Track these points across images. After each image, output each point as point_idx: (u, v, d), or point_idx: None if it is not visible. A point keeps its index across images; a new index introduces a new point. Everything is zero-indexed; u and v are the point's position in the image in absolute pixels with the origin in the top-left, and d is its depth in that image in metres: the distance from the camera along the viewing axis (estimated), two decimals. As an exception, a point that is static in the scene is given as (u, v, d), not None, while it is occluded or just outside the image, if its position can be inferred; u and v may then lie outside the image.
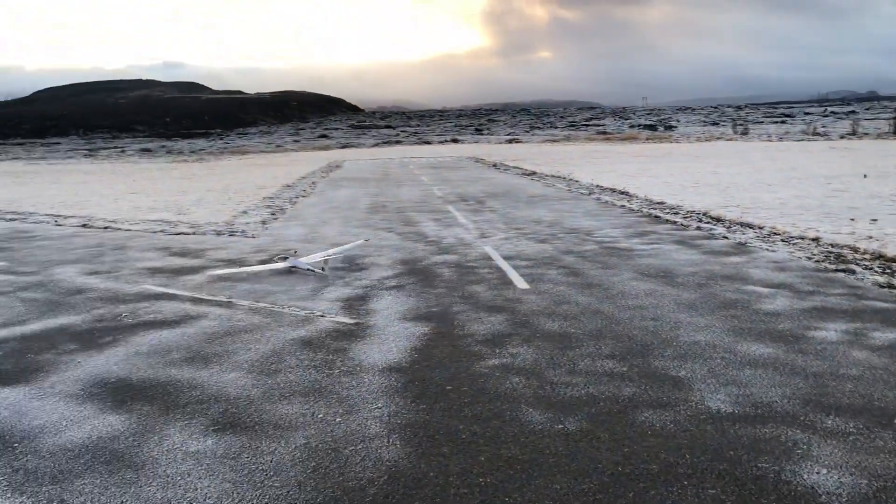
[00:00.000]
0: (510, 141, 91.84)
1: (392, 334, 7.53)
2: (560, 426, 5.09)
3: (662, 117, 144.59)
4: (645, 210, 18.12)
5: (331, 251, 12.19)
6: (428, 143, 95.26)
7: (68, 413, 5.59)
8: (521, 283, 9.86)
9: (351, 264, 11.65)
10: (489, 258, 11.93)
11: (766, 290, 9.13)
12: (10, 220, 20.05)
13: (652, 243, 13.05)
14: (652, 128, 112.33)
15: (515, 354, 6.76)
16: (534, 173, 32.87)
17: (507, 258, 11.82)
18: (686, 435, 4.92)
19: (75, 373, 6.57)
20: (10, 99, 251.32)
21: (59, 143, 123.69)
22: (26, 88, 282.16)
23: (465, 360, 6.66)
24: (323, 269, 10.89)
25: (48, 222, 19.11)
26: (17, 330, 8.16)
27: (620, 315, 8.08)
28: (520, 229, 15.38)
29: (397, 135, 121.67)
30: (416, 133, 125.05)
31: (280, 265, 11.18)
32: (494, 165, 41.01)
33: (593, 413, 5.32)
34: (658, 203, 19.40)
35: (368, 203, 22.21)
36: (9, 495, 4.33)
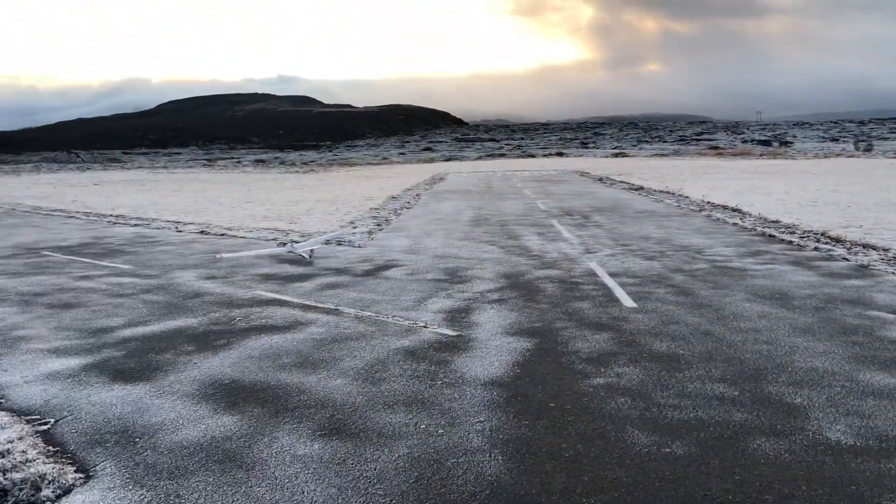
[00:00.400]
0: (616, 155, 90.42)
1: (494, 348, 7.51)
2: (667, 450, 4.94)
3: (778, 132, 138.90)
4: (759, 228, 17.42)
5: (318, 239, 14.33)
6: (532, 156, 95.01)
7: (185, 412, 5.85)
8: (627, 301, 9.65)
9: (453, 276, 11.72)
10: (594, 274, 11.74)
11: (891, 316, 8.58)
12: (136, 225, 21.26)
13: (766, 263, 12.52)
14: (766, 143, 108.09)
15: (621, 374, 6.61)
16: (641, 188, 32.20)
17: (613, 275, 11.60)
18: (802, 465, 4.67)
19: (192, 373, 6.88)
20: (137, 111, 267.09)
21: (180, 154, 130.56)
22: (151, 101, 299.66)
23: (569, 377, 6.57)
24: (310, 256, 13.09)
25: (169, 228, 20.15)
26: (140, 330, 8.63)
27: (732, 337, 7.77)
28: (626, 246, 15.08)
29: (501, 148, 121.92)
30: (519, 146, 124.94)
31: (280, 250, 13.53)
32: (600, 179, 40.44)
33: (702, 438, 5.13)
34: (773, 221, 18.60)
35: (471, 216, 22.31)
36: (130, 487, 4.56)
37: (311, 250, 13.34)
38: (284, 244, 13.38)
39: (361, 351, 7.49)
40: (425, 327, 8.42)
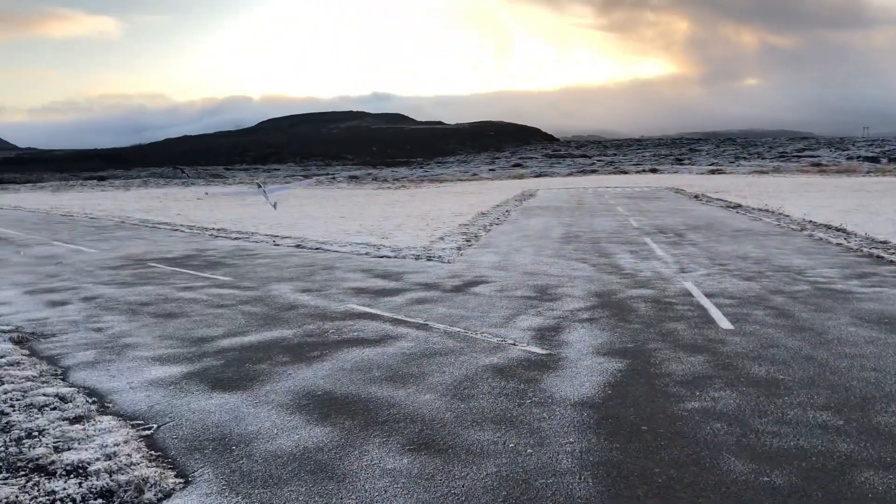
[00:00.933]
0: (713, 171, 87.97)
1: (585, 368, 7.40)
2: (766, 479, 4.74)
3: (886, 149, 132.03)
4: (865, 249, 16.57)
5: (275, 190, 16.52)
6: (625, 172, 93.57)
7: (279, 421, 6.01)
8: (724, 323, 9.35)
9: (542, 294, 11.64)
10: (689, 294, 11.43)
11: None
12: (236, 238, 22.06)
13: (874, 286, 11.89)
14: (874, 160, 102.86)
15: (717, 398, 6.40)
16: (739, 206, 31.19)
17: (709, 295, 11.26)
18: (917, 504, 4.39)
19: (286, 384, 7.07)
20: (238, 128, 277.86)
21: (278, 169, 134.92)
22: (252, 118, 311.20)
23: (663, 400, 6.40)
24: (274, 205, 15.24)
25: (267, 242, 20.82)
26: (238, 340, 8.93)
27: (836, 363, 7.41)
28: (723, 265, 14.62)
29: (593, 164, 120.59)
30: (612, 162, 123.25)
31: (255, 190, 16.01)
32: (695, 197, 39.41)
33: (804, 468, 4.90)
34: (881, 242, 17.67)
35: (562, 233, 22.12)
36: (226, 494, 4.71)
37: (275, 204, 16.42)
38: (259, 185, 16.14)
39: (450, 367, 7.52)
40: (514, 345, 8.39)
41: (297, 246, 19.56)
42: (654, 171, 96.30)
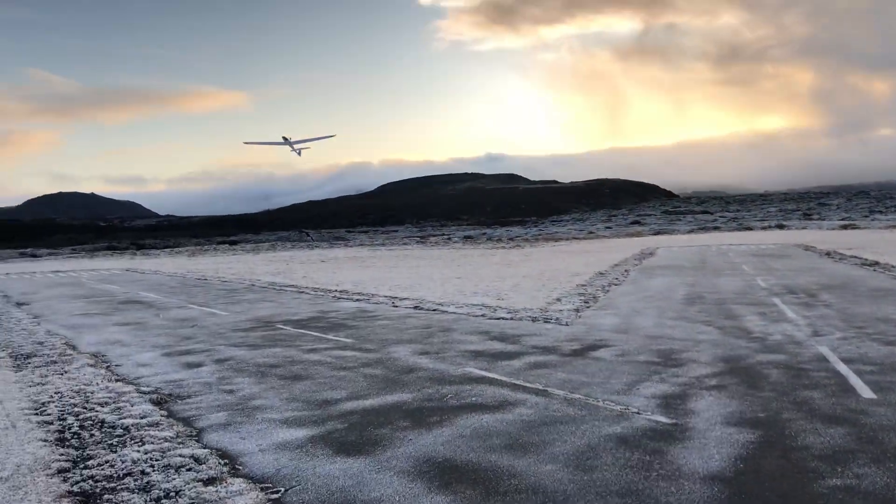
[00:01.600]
0: (845, 227, 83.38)
1: (714, 439, 7.08)
2: (923, 571, 4.35)
3: None
4: None
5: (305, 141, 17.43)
6: (749, 229, 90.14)
7: (401, 489, 6.06)
8: (865, 392, 8.75)
9: (666, 359, 11.28)
10: (825, 360, 10.78)
11: None
12: (357, 300, 22.68)
13: None
14: None
15: (862, 476, 5.96)
16: (876, 263, 29.33)
17: (846, 361, 10.59)
18: None
19: (407, 449, 7.13)
20: (359, 193, 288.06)
21: (396, 231, 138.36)
22: (372, 182, 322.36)
23: (800, 476, 6.02)
24: (300, 152, 16.42)
25: (387, 303, 21.28)
26: (360, 404, 9.12)
27: None
28: (861, 328, 13.73)
29: (715, 220, 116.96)
30: (735, 218, 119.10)
31: (282, 142, 17.93)
32: (827, 254, 37.40)
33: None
34: None
35: (684, 293, 21.45)
36: (351, 561, 4.77)
37: (300, 151, 18.68)
38: (286, 139, 18.63)
39: (571, 436, 7.38)
40: (638, 413, 8.14)
41: (416, 307, 19.87)
42: (780, 227, 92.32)
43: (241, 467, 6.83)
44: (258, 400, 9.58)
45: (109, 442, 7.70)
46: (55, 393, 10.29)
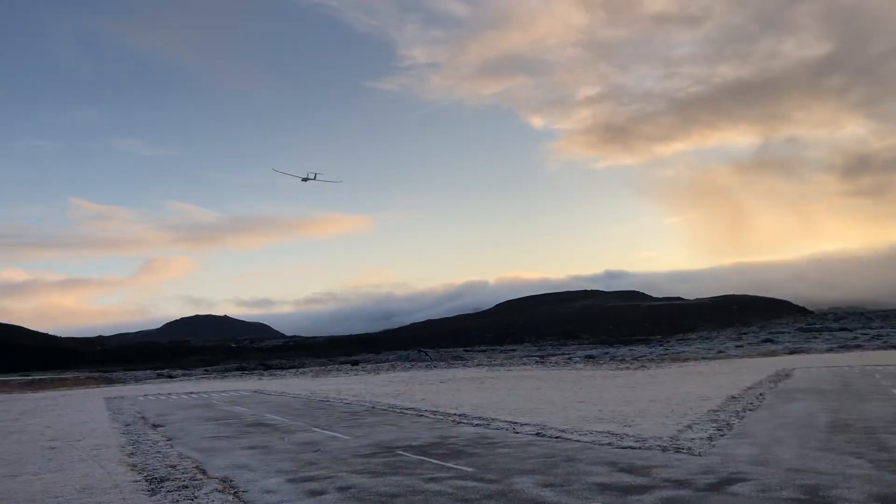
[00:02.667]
0: None
1: None
2: None
3: None
4: None
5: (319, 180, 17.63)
6: (895, 347, 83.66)
7: None
8: None
9: (813, 496, 10.36)
10: None
11: None
12: (477, 425, 22.34)
13: None
14: None
15: None
16: None
17: None
18: None
19: None
20: (476, 311, 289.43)
21: (514, 350, 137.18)
22: (489, 301, 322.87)
23: None
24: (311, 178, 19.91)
25: (507, 429, 20.83)
26: (483, 540, 8.78)
27: None
28: None
29: (855, 338, 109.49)
30: (878, 336, 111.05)
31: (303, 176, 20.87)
32: None
33: None
34: None
35: (828, 420, 19.91)
36: None
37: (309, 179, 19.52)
38: (306, 177, 19.54)
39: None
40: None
41: (537, 434, 19.34)
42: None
43: None
44: (380, 533, 9.41)
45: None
46: (185, 519, 10.51)
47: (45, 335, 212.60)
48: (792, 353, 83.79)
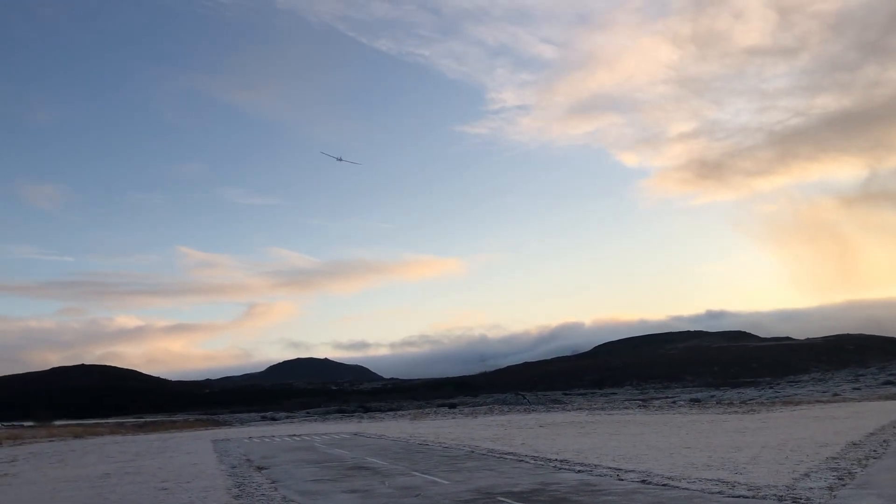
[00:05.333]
0: None
1: None
2: None
3: None
4: None
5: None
6: None
7: None
8: None
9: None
10: None
11: None
12: (579, 471, 21.76)
13: None
14: None
15: None
16: None
17: None
18: None
19: None
20: (574, 353, 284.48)
21: (615, 393, 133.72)
22: (586, 343, 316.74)
23: None
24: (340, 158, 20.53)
25: (611, 476, 20.20)
26: None
27: None
28: None
29: None
30: None
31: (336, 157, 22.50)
32: None
33: None
34: None
35: (964, 470, 18.37)
36: None
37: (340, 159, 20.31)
38: (340, 158, 20.21)
39: None
40: None
41: (643, 481, 18.66)
42: None
43: None
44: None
45: None
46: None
47: (156, 378, 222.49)
48: (917, 396, 78.22)
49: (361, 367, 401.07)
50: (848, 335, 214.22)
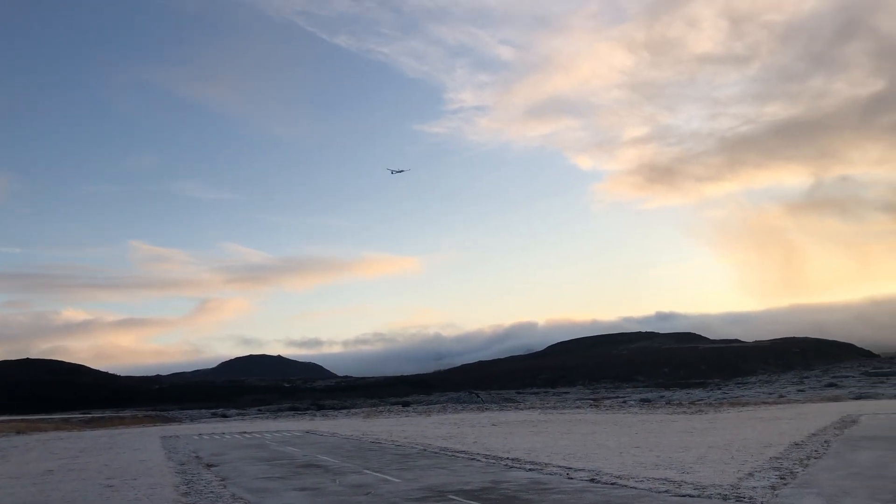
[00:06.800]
0: None
1: None
2: None
3: None
4: None
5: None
6: (969, 393, 79.82)
7: None
8: None
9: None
10: None
11: None
12: (530, 470, 21.93)
13: None
14: None
15: None
16: None
17: None
18: None
19: None
20: (528, 353, 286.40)
21: (567, 393, 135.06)
22: (538, 342, 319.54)
23: None
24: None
25: (561, 474, 20.40)
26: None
27: None
28: None
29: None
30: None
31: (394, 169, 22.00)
32: None
33: None
34: None
35: (900, 470, 18.98)
36: None
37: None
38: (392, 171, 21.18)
39: None
40: None
41: (592, 480, 18.89)
42: None
43: None
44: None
45: None
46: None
47: (105, 374, 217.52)
48: (858, 398, 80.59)
49: (315, 364, 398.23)
50: (793, 338, 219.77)
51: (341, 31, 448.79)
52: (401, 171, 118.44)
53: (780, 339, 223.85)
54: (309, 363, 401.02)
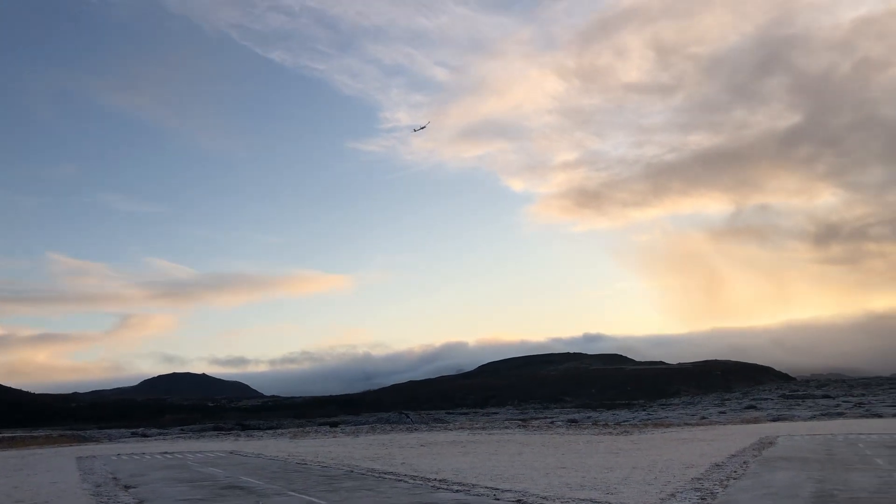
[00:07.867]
0: None
1: None
2: None
3: None
4: None
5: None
6: (878, 415, 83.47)
7: None
8: None
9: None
10: None
11: None
12: (457, 491, 21.85)
13: None
14: None
15: None
16: None
17: None
18: None
19: None
20: (458, 373, 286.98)
21: (497, 413, 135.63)
22: (469, 363, 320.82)
23: None
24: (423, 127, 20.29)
25: (488, 496, 20.38)
26: None
27: None
28: None
29: (838, 406, 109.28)
30: (861, 404, 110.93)
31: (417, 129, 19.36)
32: (974, 446, 33.85)
33: None
34: None
35: (813, 490, 19.65)
36: None
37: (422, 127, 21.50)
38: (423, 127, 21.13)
39: None
40: None
41: (518, 501, 18.94)
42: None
43: None
44: None
45: None
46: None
47: (17, 391, 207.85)
48: (775, 420, 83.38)
49: (241, 383, 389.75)
50: (715, 361, 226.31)
51: (276, 46, 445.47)
52: (422, 128, 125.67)
53: (703, 361, 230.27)
54: (235, 382, 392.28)
